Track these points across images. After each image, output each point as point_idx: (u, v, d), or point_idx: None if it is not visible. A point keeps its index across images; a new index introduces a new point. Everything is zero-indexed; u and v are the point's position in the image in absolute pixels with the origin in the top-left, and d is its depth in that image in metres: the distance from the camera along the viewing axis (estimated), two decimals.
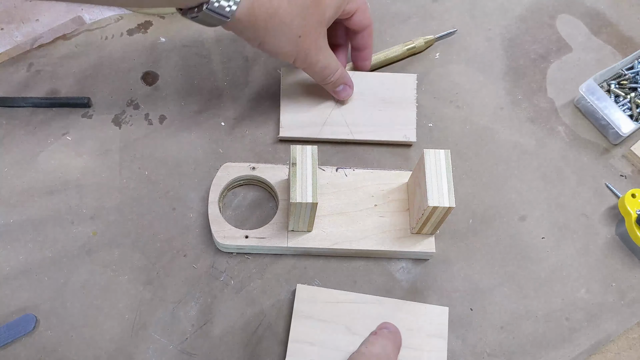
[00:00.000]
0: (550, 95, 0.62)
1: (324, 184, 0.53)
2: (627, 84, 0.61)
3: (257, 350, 0.49)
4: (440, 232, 0.54)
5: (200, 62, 0.61)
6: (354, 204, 0.53)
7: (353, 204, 0.53)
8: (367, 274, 0.52)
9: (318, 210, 0.51)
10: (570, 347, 0.51)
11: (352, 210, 0.53)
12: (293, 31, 0.48)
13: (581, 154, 0.59)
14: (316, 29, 0.49)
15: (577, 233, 0.56)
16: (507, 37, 0.65)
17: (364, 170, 0.55)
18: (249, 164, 0.54)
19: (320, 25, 0.50)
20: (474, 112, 0.61)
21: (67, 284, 0.50)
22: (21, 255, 0.51)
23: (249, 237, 0.51)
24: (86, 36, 0.61)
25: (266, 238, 0.51)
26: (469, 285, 0.53)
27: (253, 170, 0.54)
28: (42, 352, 0.47)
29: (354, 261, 0.53)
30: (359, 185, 0.54)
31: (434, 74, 0.63)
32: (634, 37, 0.66)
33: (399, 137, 0.57)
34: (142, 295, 0.50)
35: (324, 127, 0.57)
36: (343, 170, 0.54)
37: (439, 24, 0.65)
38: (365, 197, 0.53)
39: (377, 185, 0.54)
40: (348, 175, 0.54)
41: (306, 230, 0.51)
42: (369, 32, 0.56)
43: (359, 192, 0.53)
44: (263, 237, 0.51)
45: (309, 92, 0.58)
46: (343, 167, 0.55)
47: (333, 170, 0.54)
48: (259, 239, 0.51)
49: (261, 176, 0.53)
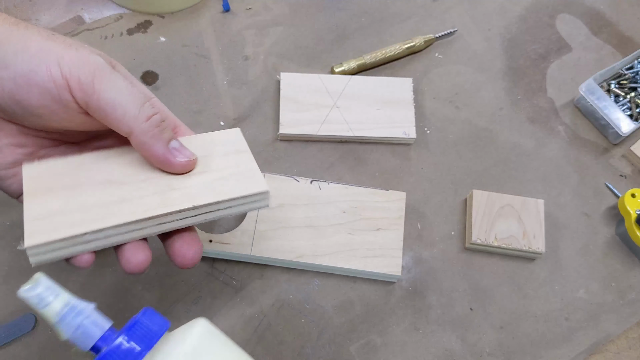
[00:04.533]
0: (550, 95, 0.63)
1: (296, 194, 0.53)
2: (627, 84, 0.61)
3: (257, 350, 0.49)
4: (440, 232, 0.54)
5: (200, 62, 0.61)
6: (325, 218, 0.52)
7: (324, 217, 0.52)
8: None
9: (287, 221, 0.51)
10: (569, 346, 0.51)
11: (322, 225, 0.52)
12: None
13: (581, 153, 0.60)
14: None
15: (577, 233, 0.56)
16: (507, 37, 0.65)
17: (339, 185, 0.53)
18: None
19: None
20: (473, 112, 0.61)
21: (67, 284, 0.50)
22: (21, 255, 0.51)
23: (212, 241, 0.50)
24: (86, 36, 0.61)
25: (230, 244, 0.50)
26: (469, 285, 0.53)
27: None
28: (42, 352, 0.47)
29: None
30: (332, 199, 0.53)
31: (433, 74, 0.63)
32: (634, 37, 0.66)
33: (399, 134, 0.57)
34: (142, 295, 0.50)
35: (324, 125, 0.57)
36: (318, 182, 0.53)
37: (439, 23, 0.65)
38: (337, 212, 0.52)
39: (351, 202, 0.53)
40: (322, 189, 0.53)
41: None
42: None
43: (331, 207, 0.52)
44: (227, 242, 0.50)
45: (308, 91, 0.58)
46: (318, 179, 0.54)
47: (307, 182, 0.53)
48: (222, 244, 0.50)
49: None
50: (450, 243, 0.54)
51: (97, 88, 0.33)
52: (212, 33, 0.62)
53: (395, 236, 0.52)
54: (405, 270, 0.53)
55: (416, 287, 0.52)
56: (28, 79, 0.32)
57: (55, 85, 0.33)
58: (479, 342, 0.50)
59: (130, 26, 0.62)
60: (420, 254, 0.53)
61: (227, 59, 0.61)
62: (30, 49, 0.32)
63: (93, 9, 0.63)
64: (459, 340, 0.50)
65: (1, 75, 0.32)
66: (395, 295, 0.51)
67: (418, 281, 0.52)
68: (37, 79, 0.32)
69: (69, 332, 0.29)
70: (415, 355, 0.49)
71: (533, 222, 0.53)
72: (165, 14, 0.63)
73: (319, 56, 0.62)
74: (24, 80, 0.32)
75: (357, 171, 0.57)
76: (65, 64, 0.33)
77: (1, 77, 0.32)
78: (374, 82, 0.59)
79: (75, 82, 0.33)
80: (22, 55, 0.32)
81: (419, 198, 0.56)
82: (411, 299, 0.51)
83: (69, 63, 0.33)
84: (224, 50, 0.62)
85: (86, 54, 0.34)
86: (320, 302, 0.51)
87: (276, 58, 0.62)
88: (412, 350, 0.49)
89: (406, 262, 0.53)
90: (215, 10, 0.64)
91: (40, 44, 0.33)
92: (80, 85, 0.33)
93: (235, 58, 0.61)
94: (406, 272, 0.53)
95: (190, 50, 0.61)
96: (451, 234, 0.55)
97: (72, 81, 0.33)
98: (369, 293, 0.51)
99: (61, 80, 0.32)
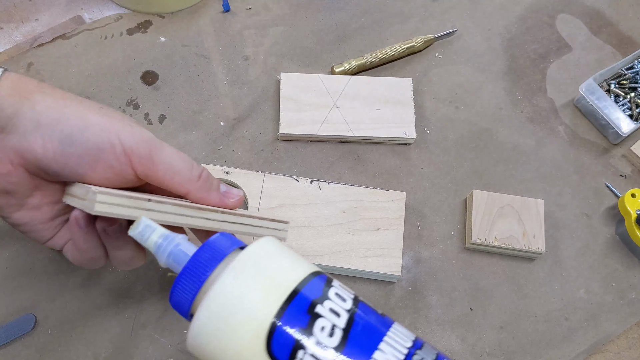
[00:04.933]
0: (550, 95, 0.62)
1: (296, 195, 0.53)
2: (627, 84, 0.61)
3: None
4: (440, 232, 0.54)
5: (200, 62, 0.61)
6: (325, 218, 0.52)
7: (323, 217, 0.52)
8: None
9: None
10: (569, 346, 0.51)
11: (322, 225, 0.51)
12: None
13: (581, 153, 0.60)
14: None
15: (577, 233, 0.56)
16: (507, 37, 0.65)
17: (339, 185, 0.53)
18: (223, 168, 0.53)
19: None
20: (473, 112, 0.61)
21: (67, 284, 0.50)
22: (21, 255, 0.51)
23: None
24: (86, 36, 0.61)
25: None
26: (468, 285, 0.53)
27: (227, 175, 0.53)
28: (41, 352, 0.47)
29: None
30: (332, 199, 0.53)
31: (433, 74, 0.63)
32: (634, 36, 0.66)
33: (399, 134, 0.57)
34: (142, 294, 0.50)
35: (324, 125, 0.57)
36: (318, 182, 0.53)
37: (439, 23, 0.65)
38: (337, 212, 0.52)
39: (351, 202, 0.53)
40: (322, 189, 0.53)
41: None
42: None
43: (331, 207, 0.52)
44: None
45: (308, 91, 0.58)
46: (318, 179, 0.54)
47: (307, 182, 0.53)
48: None
49: (234, 181, 0.53)
50: (450, 243, 0.54)
51: (155, 160, 0.37)
52: (212, 33, 0.62)
53: (395, 236, 0.52)
54: (405, 270, 0.53)
55: (416, 287, 0.52)
56: (94, 156, 0.35)
57: (119, 162, 0.36)
58: (478, 342, 0.50)
59: (130, 26, 0.62)
60: (420, 253, 0.53)
61: (227, 59, 0.61)
62: (92, 127, 0.35)
63: (93, 9, 0.63)
64: (458, 340, 0.50)
65: (68, 151, 0.35)
66: (395, 295, 0.51)
67: (418, 281, 0.52)
68: (102, 156, 0.35)
69: (163, 259, 0.33)
70: None
71: (533, 222, 0.53)
72: (165, 14, 0.63)
73: (319, 56, 0.62)
74: (90, 157, 0.35)
75: (357, 171, 0.57)
76: (125, 140, 0.36)
77: (68, 153, 0.35)
78: (374, 82, 0.59)
79: (136, 158, 0.36)
80: (87, 133, 0.35)
81: (419, 198, 0.56)
82: (411, 299, 0.51)
83: (129, 140, 0.36)
84: (224, 50, 0.62)
85: (139, 130, 0.37)
86: None
87: (276, 58, 0.62)
88: None
89: (406, 262, 0.53)
90: (215, 10, 0.64)
91: (99, 120, 0.36)
92: (141, 159, 0.36)
93: (235, 58, 0.61)
94: (406, 272, 0.53)
95: (190, 50, 0.61)
96: (451, 234, 0.55)
97: (134, 157, 0.36)
98: (369, 293, 0.51)
99: (124, 157, 0.36)
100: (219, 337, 0.29)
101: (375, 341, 0.29)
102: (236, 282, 0.30)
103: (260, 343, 0.29)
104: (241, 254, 0.31)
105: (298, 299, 0.29)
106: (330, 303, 0.30)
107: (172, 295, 0.32)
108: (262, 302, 0.29)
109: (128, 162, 0.36)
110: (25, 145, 0.34)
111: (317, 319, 0.29)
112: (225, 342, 0.29)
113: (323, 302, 0.30)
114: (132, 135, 0.36)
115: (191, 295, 0.31)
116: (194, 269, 0.31)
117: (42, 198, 0.38)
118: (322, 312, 0.29)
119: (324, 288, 0.31)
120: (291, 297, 0.29)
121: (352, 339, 0.29)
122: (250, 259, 0.31)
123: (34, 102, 0.35)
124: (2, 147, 0.35)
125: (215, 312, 0.29)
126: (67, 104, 0.36)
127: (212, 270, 0.31)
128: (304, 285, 0.30)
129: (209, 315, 0.29)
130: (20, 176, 0.36)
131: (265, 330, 0.29)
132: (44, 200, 0.38)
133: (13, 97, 0.34)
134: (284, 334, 0.28)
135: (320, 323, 0.29)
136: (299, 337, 0.28)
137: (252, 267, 0.30)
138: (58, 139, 0.35)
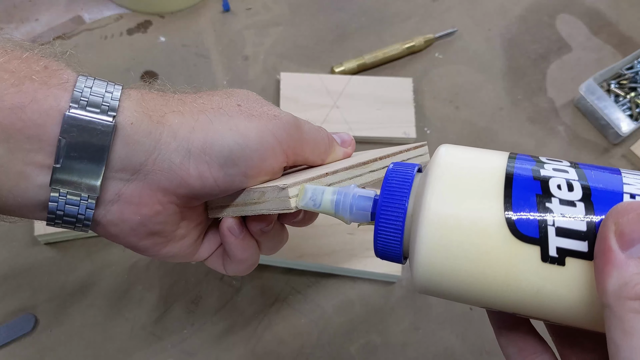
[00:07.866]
0: (550, 95, 0.63)
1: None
2: (627, 84, 0.61)
3: (257, 350, 0.49)
4: None
5: (200, 62, 0.61)
6: (325, 217, 0.52)
7: (323, 216, 0.52)
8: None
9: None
10: None
11: (322, 225, 0.51)
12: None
13: (581, 153, 0.59)
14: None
15: None
16: (507, 37, 0.65)
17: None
18: None
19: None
20: (473, 112, 0.61)
21: (67, 284, 0.50)
22: (21, 255, 0.51)
23: None
24: (86, 36, 0.61)
25: None
26: None
27: None
28: (41, 352, 0.47)
29: None
30: None
31: (433, 74, 0.63)
32: (634, 37, 0.66)
33: (399, 133, 0.57)
34: (142, 294, 0.50)
35: (324, 125, 0.57)
36: None
37: (439, 23, 0.65)
38: None
39: None
40: None
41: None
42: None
43: None
44: None
45: (308, 91, 0.58)
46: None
47: None
48: None
49: None
50: None
51: (303, 143, 0.34)
52: (212, 33, 0.62)
53: None
54: (405, 270, 0.53)
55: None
56: (258, 168, 0.32)
57: (278, 161, 0.33)
58: (477, 341, 0.50)
59: (130, 26, 0.62)
60: None
61: (227, 59, 0.61)
62: (248, 139, 0.31)
63: (93, 9, 0.63)
64: (459, 339, 0.50)
65: (231, 172, 0.31)
66: (395, 295, 0.51)
67: None
68: (265, 164, 0.32)
69: (347, 215, 0.30)
70: (416, 355, 0.49)
71: None
72: (165, 14, 0.63)
73: (319, 56, 0.62)
74: (254, 170, 0.32)
75: None
76: (281, 137, 0.32)
77: (231, 175, 0.31)
78: (374, 82, 0.59)
79: (291, 150, 0.33)
80: (247, 149, 0.31)
81: None
82: (411, 299, 0.51)
83: (283, 135, 0.32)
84: (224, 50, 0.62)
85: (284, 117, 0.33)
86: (320, 302, 0.51)
87: (276, 58, 0.62)
88: (412, 350, 0.49)
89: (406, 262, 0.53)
90: (215, 10, 0.64)
91: (251, 127, 0.31)
92: (295, 149, 0.33)
93: (235, 58, 0.61)
94: (406, 271, 0.53)
95: (190, 50, 0.61)
96: None
97: (289, 150, 0.33)
98: (369, 293, 0.51)
99: (282, 156, 0.33)
100: (455, 253, 0.26)
101: (617, 179, 0.26)
102: (445, 196, 0.26)
103: (504, 231, 0.25)
104: (433, 168, 0.28)
105: (517, 179, 0.26)
106: (549, 166, 0.27)
107: (377, 242, 0.29)
108: (482, 204, 0.26)
109: (285, 156, 0.33)
110: (177, 180, 0.30)
111: (548, 181, 0.26)
112: (464, 253, 0.26)
113: (542, 167, 0.27)
114: (284, 127, 0.32)
115: (399, 233, 0.28)
116: (391, 206, 0.28)
117: (188, 225, 0.34)
118: (549, 174, 0.26)
119: (532, 158, 0.28)
120: (509, 181, 0.26)
121: (594, 181, 0.25)
122: (444, 170, 0.28)
123: (172, 126, 0.29)
124: (148, 188, 0.29)
125: (438, 231, 0.26)
126: (208, 118, 0.30)
127: (407, 200, 0.28)
128: (512, 166, 0.27)
129: (434, 237, 0.26)
130: (170, 213, 0.31)
131: (503, 222, 0.25)
132: (190, 226, 0.34)
133: (145, 125, 0.29)
134: (524, 214, 0.25)
135: (554, 182, 0.26)
136: (540, 206, 0.25)
137: (451, 176, 0.27)
138: (218, 164, 0.30)
